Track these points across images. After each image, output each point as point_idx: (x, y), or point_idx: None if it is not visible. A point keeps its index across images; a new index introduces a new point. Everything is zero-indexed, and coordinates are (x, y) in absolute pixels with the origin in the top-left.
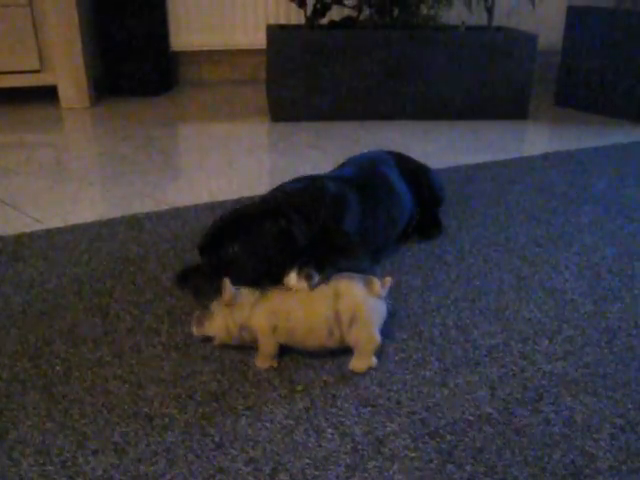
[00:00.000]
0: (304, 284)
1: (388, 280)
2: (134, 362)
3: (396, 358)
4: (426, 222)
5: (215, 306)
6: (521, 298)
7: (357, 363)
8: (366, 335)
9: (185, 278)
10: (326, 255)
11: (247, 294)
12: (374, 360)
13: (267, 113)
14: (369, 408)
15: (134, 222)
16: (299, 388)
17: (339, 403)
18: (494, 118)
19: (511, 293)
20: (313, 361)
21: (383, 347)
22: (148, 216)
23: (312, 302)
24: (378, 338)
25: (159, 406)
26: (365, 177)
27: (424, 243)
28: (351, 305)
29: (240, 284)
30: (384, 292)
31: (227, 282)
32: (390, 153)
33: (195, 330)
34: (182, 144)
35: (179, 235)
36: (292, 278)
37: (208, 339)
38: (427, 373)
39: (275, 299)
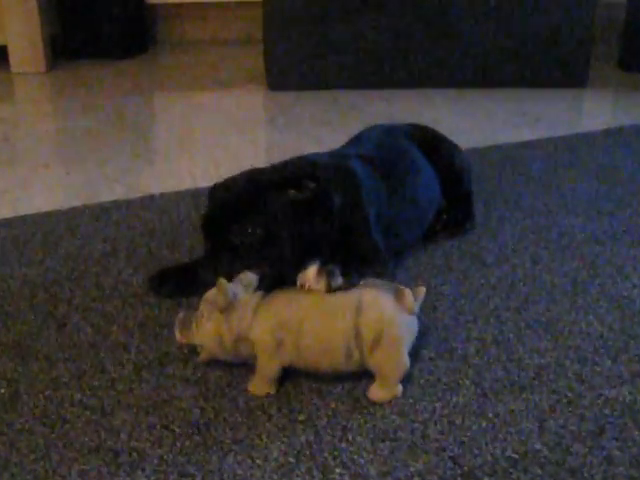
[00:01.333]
0: (323, 284)
1: (421, 291)
2: (97, 384)
3: (422, 381)
4: (455, 214)
5: (206, 308)
6: (578, 308)
7: (379, 392)
8: (393, 359)
9: (162, 282)
10: (350, 259)
11: (248, 297)
12: (399, 389)
13: (264, 80)
14: (388, 443)
15: (99, 212)
16: (301, 418)
17: (350, 436)
18: (544, 85)
19: (565, 301)
20: (319, 384)
21: None
22: (117, 205)
23: (329, 313)
24: (407, 363)
25: (127, 439)
26: (387, 156)
27: (456, 240)
28: (376, 321)
29: (260, 280)
30: (417, 306)
31: (223, 281)
32: (409, 125)
33: (179, 335)
34: (159, 118)
35: (155, 229)
36: (309, 274)
37: (191, 351)
38: (460, 400)
39: (283, 306)
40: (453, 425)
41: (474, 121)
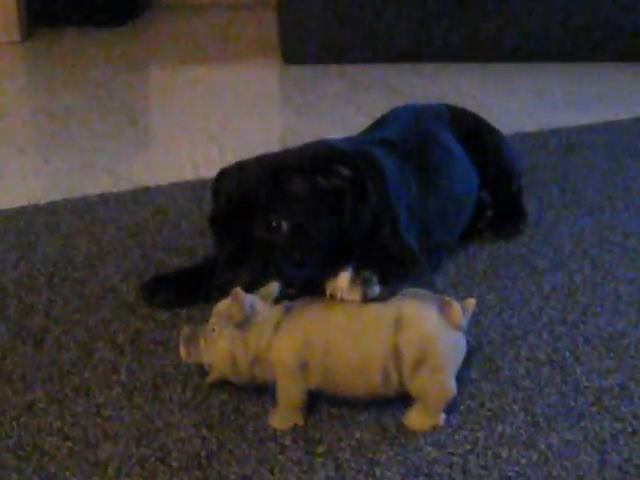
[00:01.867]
0: (358, 294)
1: (470, 303)
2: (80, 410)
3: (461, 407)
4: (501, 212)
5: (218, 323)
6: None
7: (418, 419)
8: (437, 384)
9: (157, 290)
10: (383, 264)
11: (268, 310)
12: (442, 417)
13: (278, 52)
14: (422, 478)
15: (83, 207)
16: (320, 449)
17: (378, 472)
18: (608, 59)
19: (631, 313)
20: (340, 409)
21: None
22: (104, 199)
23: (363, 330)
24: (453, 388)
25: (116, 474)
26: (416, 142)
27: (503, 241)
28: (419, 339)
29: (289, 286)
30: (465, 321)
31: (239, 291)
32: (443, 106)
33: (184, 353)
34: (154, 96)
35: (149, 227)
36: (341, 282)
37: (191, 372)
38: (507, 429)
39: (309, 321)
40: (498, 458)
41: (523, 101)
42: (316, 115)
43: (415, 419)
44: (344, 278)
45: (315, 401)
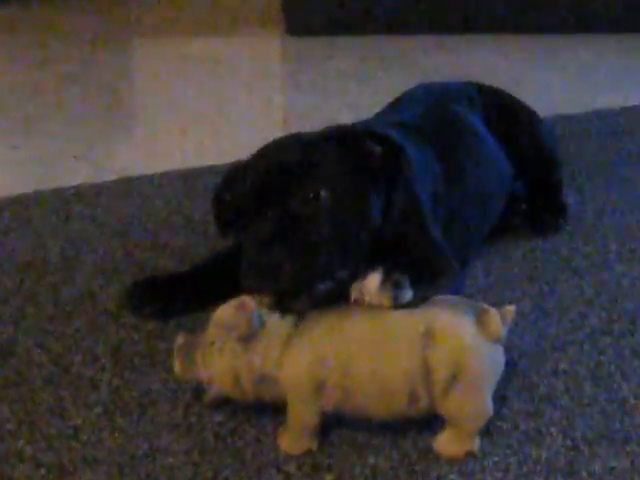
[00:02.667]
0: (388, 298)
1: (510, 311)
2: (54, 433)
3: (492, 428)
4: (539, 205)
5: (218, 335)
6: None
7: (451, 445)
8: (473, 404)
9: (145, 297)
10: (413, 266)
11: (277, 322)
12: (477, 442)
13: (280, 21)
14: None
15: (58, 201)
16: (329, 478)
17: None
18: None
19: None
20: (353, 432)
21: None
22: (81, 192)
23: (388, 344)
24: (490, 409)
25: None
26: (438, 126)
27: (540, 239)
28: (453, 354)
29: (322, 274)
30: (505, 332)
31: (248, 299)
32: (471, 85)
33: (179, 368)
34: (139, 73)
35: (132, 223)
36: (370, 285)
37: (183, 389)
38: (543, 453)
39: (324, 335)
40: None
41: (564, 79)
42: (323, 94)
43: (447, 444)
44: (374, 280)
45: (325, 421)
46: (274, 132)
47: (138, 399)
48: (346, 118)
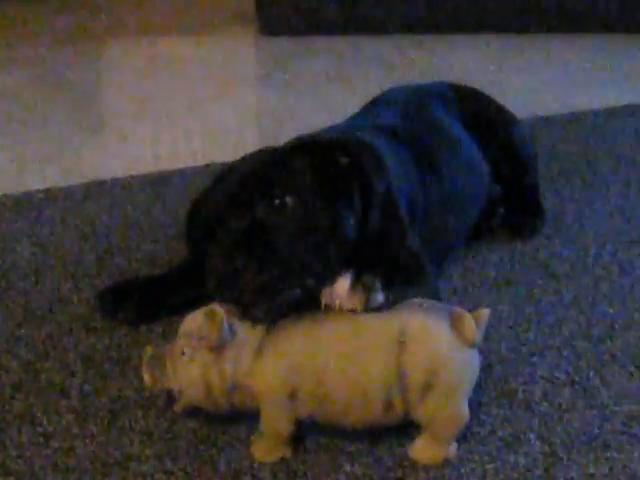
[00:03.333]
0: (359, 302)
1: (485, 314)
2: (25, 440)
3: (469, 434)
4: (516, 208)
5: (188, 344)
6: None
7: (427, 451)
8: (449, 410)
9: (117, 302)
10: (386, 269)
11: (247, 331)
12: (454, 448)
13: (254, 21)
14: None
15: (25, 205)
16: None
17: None
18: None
19: None
20: (329, 438)
21: None
22: (50, 195)
23: (361, 349)
24: (466, 414)
25: None
26: (414, 128)
27: (518, 243)
28: (428, 359)
29: (288, 283)
30: (480, 336)
31: (217, 308)
32: (448, 86)
33: (148, 379)
34: (109, 75)
35: (102, 227)
36: (341, 287)
37: (156, 395)
38: (521, 460)
39: (297, 342)
40: None
41: (543, 79)
42: (298, 95)
43: (423, 451)
44: (343, 284)
45: (300, 428)
46: (247, 133)
47: (109, 405)
48: (320, 119)
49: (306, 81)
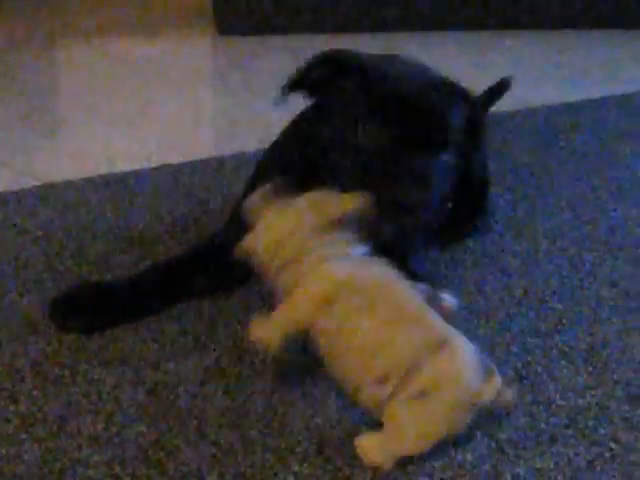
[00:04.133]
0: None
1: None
2: None
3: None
4: (466, 205)
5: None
6: (630, 330)
7: (380, 452)
8: (433, 421)
9: (69, 309)
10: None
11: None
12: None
13: (211, 20)
14: None
15: None
16: None
17: None
18: (595, 26)
19: (614, 321)
20: (277, 439)
21: None
22: (1, 198)
23: (405, 325)
24: (438, 439)
25: None
26: None
27: (467, 240)
28: (449, 377)
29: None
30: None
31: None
32: None
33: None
34: (61, 75)
35: (54, 230)
36: None
37: (104, 401)
38: (468, 457)
39: (364, 272)
40: None
41: (495, 75)
42: (255, 95)
43: (377, 451)
44: None
45: (245, 430)
46: (202, 133)
47: (58, 411)
48: (276, 118)
49: (261, 80)
